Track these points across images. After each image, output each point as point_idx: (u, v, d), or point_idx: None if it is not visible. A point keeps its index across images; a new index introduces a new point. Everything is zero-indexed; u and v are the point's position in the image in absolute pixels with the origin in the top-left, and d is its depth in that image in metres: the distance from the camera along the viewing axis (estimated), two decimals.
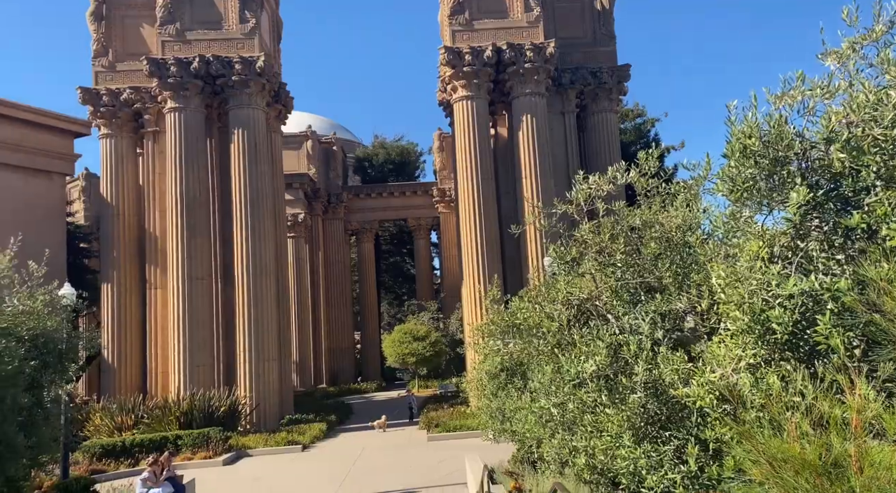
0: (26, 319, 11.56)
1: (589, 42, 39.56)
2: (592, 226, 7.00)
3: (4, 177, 38.97)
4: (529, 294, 7.47)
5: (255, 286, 33.87)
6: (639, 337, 5.95)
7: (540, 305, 6.72)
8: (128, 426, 29.60)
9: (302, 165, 61.30)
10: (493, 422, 11.56)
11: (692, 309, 6.45)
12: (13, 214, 36.77)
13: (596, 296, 6.64)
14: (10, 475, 10.12)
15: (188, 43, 35.68)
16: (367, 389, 59.35)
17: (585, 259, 6.85)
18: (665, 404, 5.43)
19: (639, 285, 6.64)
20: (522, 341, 6.80)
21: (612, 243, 6.69)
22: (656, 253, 6.61)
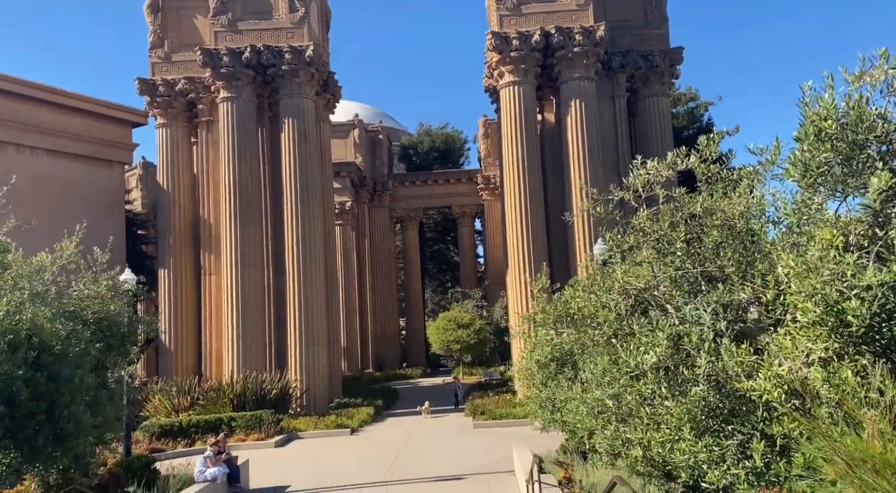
0: (91, 303, 12.06)
1: (640, 24, 38.53)
2: (650, 213, 6.81)
3: (69, 166, 40.63)
4: (583, 283, 7.33)
5: (305, 273, 34.48)
6: (700, 328, 5.78)
7: (595, 294, 6.59)
8: (184, 408, 30.64)
9: (349, 154, 61.94)
10: (542, 412, 11.50)
11: (756, 300, 6.24)
12: (77, 202, 38.32)
13: (654, 286, 6.48)
14: (77, 452, 10.60)
15: (240, 33, 36.30)
16: (412, 375, 59.99)
17: (643, 248, 6.68)
18: (728, 398, 5.27)
19: (699, 274, 6.45)
20: (577, 331, 6.68)
21: (672, 231, 6.50)
22: (718, 242, 6.40)
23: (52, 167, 39.61)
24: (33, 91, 38.73)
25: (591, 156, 34.86)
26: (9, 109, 37.36)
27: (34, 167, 38.23)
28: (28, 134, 38.42)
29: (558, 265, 35.51)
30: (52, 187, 38.64)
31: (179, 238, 38.48)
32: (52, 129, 39.55)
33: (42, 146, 39.25)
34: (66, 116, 40.46)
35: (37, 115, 38.80)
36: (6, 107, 37.26)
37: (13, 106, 37.58)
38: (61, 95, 40.33)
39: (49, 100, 39.42)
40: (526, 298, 33.67)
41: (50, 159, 39.74)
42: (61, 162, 40.29)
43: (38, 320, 9.79)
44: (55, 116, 39.79)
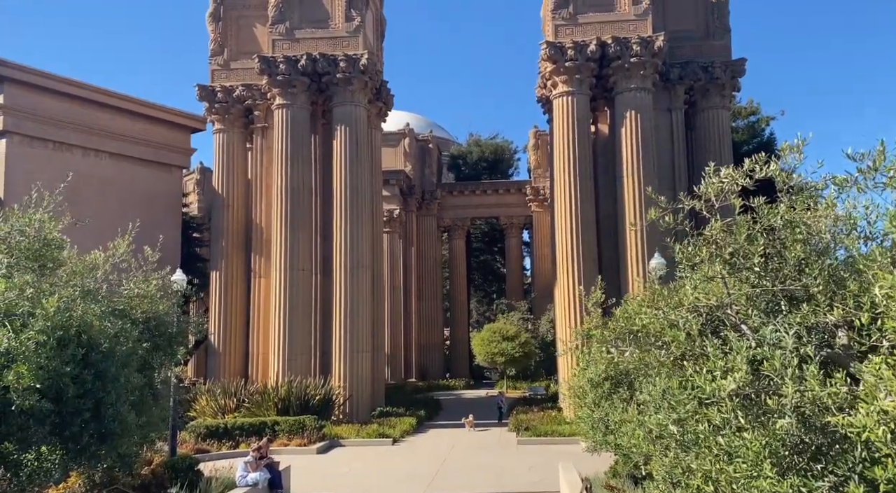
0: (140, 302, 12.11)
1: (701, 35, 37.43)
2: (724, 225, 6.26)
3: (130, 168, 41.94)
4: (645, 299, 6.80)
5: (352, 279, 34.54)
6: (782, 352, 5.22)
7: (662, 311, 6.07)
8: (230, 409, 30.96)
9: (399, 162, 62.27)
10: (594, 433, 10.91)
11: (846, 323, 5.62)
12: (137, 204, 39.43)
13: (727, 304, 5.93)
14: (122, 451, 10.57)
15: (296, 41, 36.86)
16: (455, 386, 59.48)
17: (715, 262, 6.14)
18: (815, 433, 4.69)
19: (779, 293, 5.87)
20: (640, 350, 6.16)
21: (749, 245, 5.94)
22: (801, 258, 5.82)
23: (114, 170, 40.95)
24: (98, 95, 40.17)
25: (646, 169, 33.91)
26: (76, 112, 38.84)
27: (97, 170, 39.60)
28: (93, 137, 39.84)
29: (609, 280, 34.38)
30: (114, 190, 39.92)
31: (231, 241, 39.16)
32: (115, 132, 40.92)
33: (105, 149, 40.62)
34: (129, 121, 41.82)
35: (101, 119, 40.21)
36: (74, 111, 38.76)
37: (80, 110, 39.06)
38: (124, 99, 41.72)
39: (113, 104, 40.82)
40: (574, 312, 32.88)
41: (112, 162, 41.09)
42: (123, 165, 41.61)
43: (88, 317, 9.81)
44: (118, 120, 41.16)
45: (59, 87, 38.10)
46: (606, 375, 10.49)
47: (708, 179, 6.53)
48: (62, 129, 38.15)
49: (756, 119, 47.41)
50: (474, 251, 77.81)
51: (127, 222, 13.40)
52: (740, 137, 43.79)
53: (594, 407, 10.93)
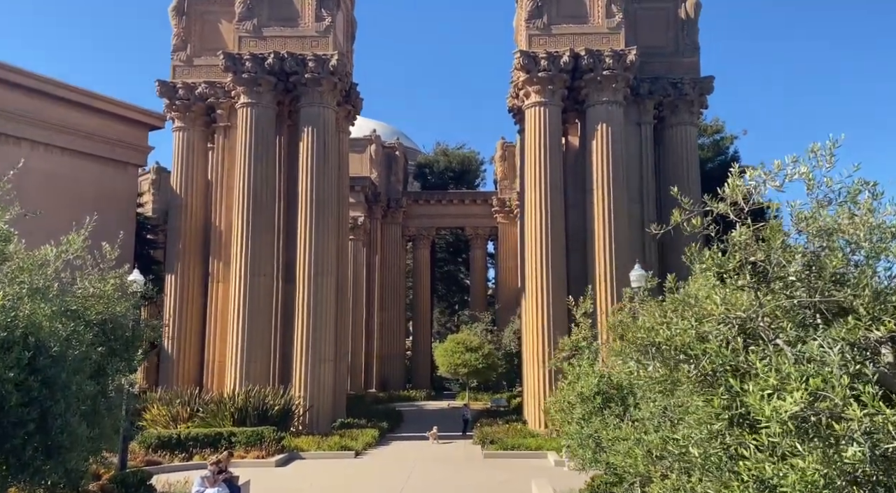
0: (96, 302, 11.07)
1: (671, 51, 37.86)
2: (747, 232, 5.81)
3: (82, 165, 40.00)
4: (667, 309, 6.28)
5: (316, 286, 33.52)
6: (827, 369, 4.75)
7: (689, 322, 5.55)
8: (183, 419, 29.51)
9: (364, 169, 61.31)
10: (583, 451, 10.34)
11: (890, 339, 5.20)
12: (88, 202, 37.53)
13: (758, 315, 5.45)
14: (69, 466, 9.55)
15: (264, 39, 35.84)
16: (416, 396, 58.57)
17: (746, 271, 5.67)
18: (877, 462, 4.22)
19: (814, 306, 5.43)
20: (664, 366, 5.62)
21: (784, 253, 5.49)
22: (839, 267, 5.39)
23: (64, 165, 38.99)
24: (50, 87, 38.24)
25: (616, 182, 33.95)
26: (23, 104, 36.81)
27: (46, 164, 37.59)
28: (42, 130, 37.84)
29: (576, 292, 34.26)
30: (63, 185, 37.95)
31: (189, 244, 37.66)
32: (66, 126, 38.98)
33: (55, 143, 38.65)
34: (82, 115, 39.92)
35: (51, 111, 38.23)
36: (20, 102, 36.71)
37: (27, 101, 37.03)
38: (78, 93, 39.85)
39: (66, 97, 38.92)
40: (544, 323, 32.54)
41: (63, 157, 39.12)
42: (74, 161, 39.67)
43: (37, 317, 8.83)
44: (70, 113, 39.24)
45: (8, 76, 36.12)
46: (598, 389, 9.97)
47: (734, 180, 6.05)
48: (10, 120, 36.13)
49: (721, 137, 48.27)
50: (438, 261, 77.20)
51: (75, 220, 12.34)
52: (705, 154, 44.43)
53: (583, 423, 10.39)
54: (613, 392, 9.83)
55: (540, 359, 32.64)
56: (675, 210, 6.18)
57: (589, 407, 10.13)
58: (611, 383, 9.87)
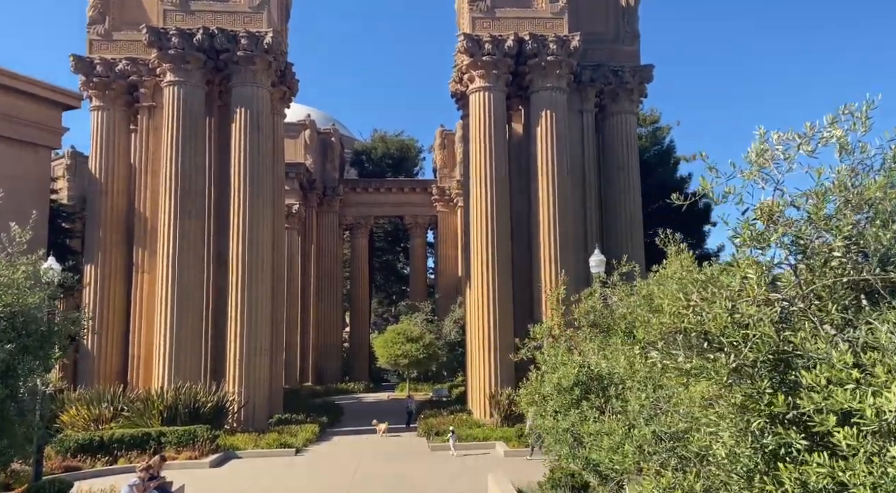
0: (3, 292, 9.55)
1: (611, 39, 37.91)
2: (780, 201, 5.15)
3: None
4: (689, 289, 5.54)
5: (250, 274, 31.80)
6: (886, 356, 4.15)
7: (721, 304, 4.83)
8: (106, 419, 27.36)
9: (299, 155, 59.17)
10: (560, 446, 9.65)
11: None
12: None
13: (805, 296, 4.81)
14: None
15: (192, 13, 33.56)
16: (354, 389, 57.31)
17: (776, 242, 5.02)
18: None
19: (859, 284, 4.85)
20: (696, 356, 4.88)
21: (828, 223, 4.86)
22: (886, 242, 4.80)
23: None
24: None
25: (560, 168, 33.75)
26: None
27: None
28: None
29: (520, 278, 34.09)
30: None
31: (110, 231, 35.01)
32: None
33: None
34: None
35: None
36: None
37: None
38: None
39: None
40: (491, 312, 32.05)
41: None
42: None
43: None
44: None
45: None
46: (577, 379, 9.31)
47: (758, 144, 5.37)
48: None
49: (657, 126, 49.06)
50: (377, 251, 75.82)
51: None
52: (643, 143, 45.00)
53: (559, 416, 9.70)
54: (593, 383, 9.18)
55: (486, 347, 32.17)
56: (702, 178, 5.39)
57: (566, 399, 9.46)
58: (591, 373, 9.22)
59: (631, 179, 36.96)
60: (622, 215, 36.35)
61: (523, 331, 32.92)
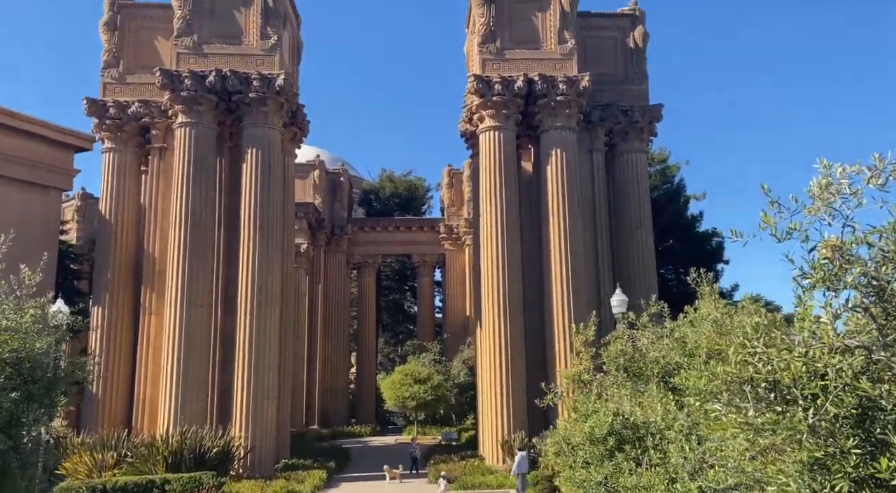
0: (10, 338, 9.17)
1: (620, 79, 38.20)
2: (851, 238, 4.77)
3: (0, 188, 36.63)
4: (749, 335, 5.10)
5: (259, 316, 31.37)
6: None
7: (796, 351, 4.40)
8: (108, 466, 26.61)
9: (307, 195, 59.34)
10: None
11: None
12: (5, 228, 34.23)
13: (880, 344, 4.38)
14: None
15: (204, 56, 34.01)
16: (361, 432, 56.07)
17: (850, 282, 4.62)
18: None
19: None
20: (770, 412, 4.38)
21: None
22: None
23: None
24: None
25: (571, 207, 33.54)
26: None
27: None
28: None
29: (532, 316, 33.52)
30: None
31: (118, 273, 34.80)
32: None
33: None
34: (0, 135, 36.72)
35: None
36: None
37: None
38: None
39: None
40: (503, 353, 31.39)
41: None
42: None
43: None
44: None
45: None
46: (611, 429, 8.79)
47: (821, 179, 5.01)
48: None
49: (666, 165, 49.07)
50: (384, 290, 75.33)
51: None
52: (653, 182, 44.92)
53: (593, 467, 9.13)
54: (628, 433, 8.66)
55: (498, 390, 31.43)
56: (761, 212, 5.02)
57: (599, 450, 8.91)
58: (626, 421, 8.70)
59: (642, 217, 36.70)
60: (634, 254, 35.98)
61: (535, 373, 32.45)
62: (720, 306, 9.75)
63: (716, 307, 9.55)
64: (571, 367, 11.52)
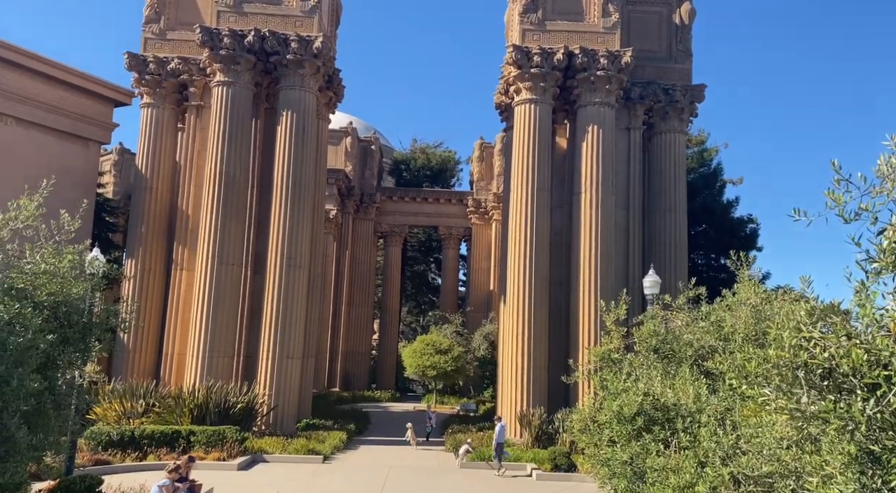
0: (48, 281, 9.33)
1: (663, 57, 37.11)
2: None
3: (40, 138, 37.31)
4: (803, 319, 4.86)
5: (287, 278, 31.69)
6: None
7: (858, 338, 4.18)
8: (137, 414, 27.40)
9: (339, 162, 59.45)
10: (619, 480, 8.95)
11: None
12: (45, 178, 34.94)
13: None
14: (4, 479, 7.82)
15: (244, 15, 33.88)
16: (380, 397, 56.91)
17: None
18: None
19: None
20: (823, 400, 4.20)
21: None
22: None
23: (21, 137, 36.25)
24: (7, 53, 35.48)
25: (605, 186, 32.98)
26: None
27: (1, 135, 34.87)
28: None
29: (557, 296, 33.35)
30: (18, 158, 35.27)
31: (152, 227, 35.37)
32: (25, 96, 36.23)
33: (12, 114, 35.88)
34: (43, 85, 37.19)
35: (9, 79, 35.51)
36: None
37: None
38: (38, 60, 37.05)
39: (24, 64, 36.11)
40: (526, 327, 31.33)
41: (20, 129, 36.36)
42: (32, 133, 36.92)
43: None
44: (30, 82, 36.47)
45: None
46: (640, 409, 8.66)
47: (891, 154, 4.71)
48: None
49: (705, 148, 47.92)
50: (409, 260, 75.61)
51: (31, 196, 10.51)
52: (689, 164, 43.92)
53: (618, 448, 9.03)
54: (658, 414, 8.51)
55: (518, 365, 31.44)
56: (827, 191, 4.76)
57: (627, 429, 8.79)
58: (656, 402, 8.55)
59: (678, 200, 35.98)
60: (667, 237, 35.38)
61: (557, 351, 32.38)
62: (760, 291, 9.46)
63: (755, 293, 9.28)
64: (600, 345, 11.35)
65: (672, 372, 9.05)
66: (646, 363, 9.70)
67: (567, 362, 25.77)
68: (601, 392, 9.96)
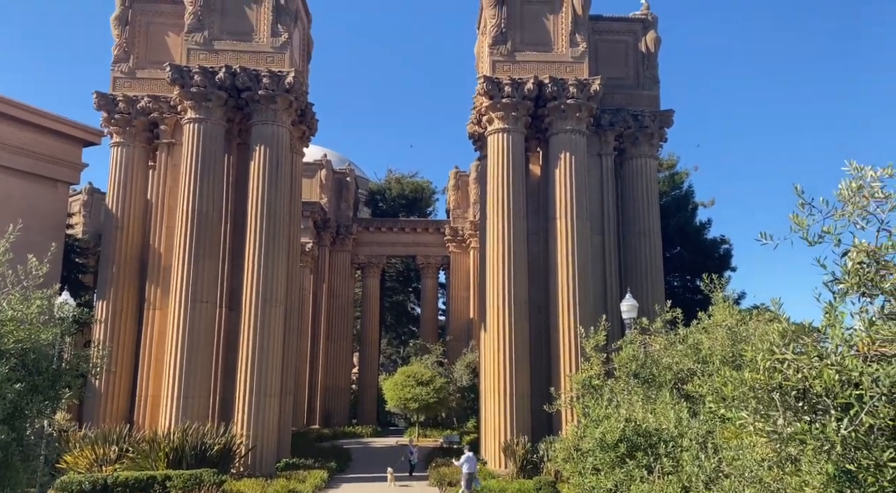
0: (15, 328, 9.06)
1: (631, 84, 38.01)
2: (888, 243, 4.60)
3: (6, 181, 36.67)
4: (775, 341, 4.92)
5: (263, 315, 31.24)
6: None
7: (830, 359, 4.23)
8: (110, 461, 26.50)
9: (314, 194, 59.30)
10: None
11: None
12: (12, 220, 34.22)
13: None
14: None
15: (215, 52, 33.97)
16: (362, 433, 55.89)
17: (881, 286, 4.46)
18: None
19: None
20: (799, 421, 4.22)
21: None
22: None
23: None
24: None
25: (579, 212, 33.34)
26: None
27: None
28: None
29: (536, 321, 33.36)
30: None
31: (123, 267, 34.76)
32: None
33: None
34: (8, 127, 36.76)
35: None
36: None
37: None
38: (4, 102, 36.71)
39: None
40: (507, 358, 31.21)
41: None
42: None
43: None
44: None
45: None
46: (623, 435, 8.62)
47: (851, 179, 4.84)
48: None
49: (675, 172, 48.84)
50: (388, 291, 75.21)
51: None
52: (661, 187, 44.72)
53: (599, 475, 8.95)
54: (640, 440, 8.48)
55: (501, 393, 31.24)
56: (791, 215, 4.85)
57: (610, 456, 8.73)
58: (638, 428, 8.53)
59: (651, 223, 36.49)
60: (642, 260, 35.77)
61: (538, 378, 32.27)
62: (734, 313, 9.55)
63: (730, 314, 9.37)
64: (580, 372, 11.33)
65: (653, 397, 9.06)
66: (626, 389, 9.70)
67: (549, 389, 25.69)
68: (584, 420, 9.91)
